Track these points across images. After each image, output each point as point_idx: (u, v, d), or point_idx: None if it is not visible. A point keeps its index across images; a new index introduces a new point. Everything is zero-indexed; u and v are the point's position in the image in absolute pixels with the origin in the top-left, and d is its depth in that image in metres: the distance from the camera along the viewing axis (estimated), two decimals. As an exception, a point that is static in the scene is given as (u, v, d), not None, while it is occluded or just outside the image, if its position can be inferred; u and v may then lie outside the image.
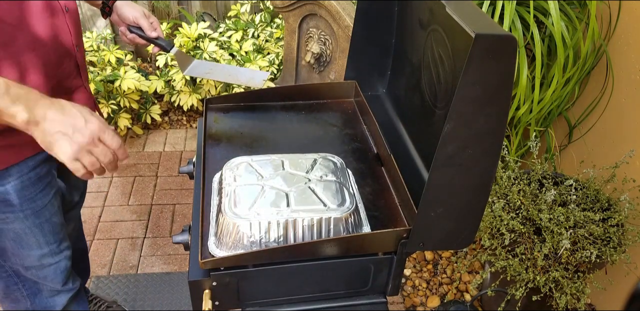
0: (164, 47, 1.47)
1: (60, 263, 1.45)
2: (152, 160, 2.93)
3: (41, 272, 1.42)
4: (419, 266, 2.31)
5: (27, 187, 1.28)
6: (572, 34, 1.88)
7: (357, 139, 1.35)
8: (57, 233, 1.41)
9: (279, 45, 3.16)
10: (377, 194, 1.17)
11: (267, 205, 1.00)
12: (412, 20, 1.24)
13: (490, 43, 0.78)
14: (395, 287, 1.11)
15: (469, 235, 1.03)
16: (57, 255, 1.43)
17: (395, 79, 1.43)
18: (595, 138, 2.05)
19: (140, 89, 2.93)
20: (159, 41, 1.46)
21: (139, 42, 1.49)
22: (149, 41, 1.47)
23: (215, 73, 1.52)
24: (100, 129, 1.01)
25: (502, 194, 1.79)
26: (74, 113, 0.99)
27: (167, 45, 1.46)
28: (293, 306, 1.09)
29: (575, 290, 1.64)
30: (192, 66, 1.50)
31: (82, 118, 0.99)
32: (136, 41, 1.49)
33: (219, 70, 1.54)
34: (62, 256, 1.45)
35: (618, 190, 1.82)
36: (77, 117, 0.99)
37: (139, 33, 1.46)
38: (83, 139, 0.99)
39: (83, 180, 1.66)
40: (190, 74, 1.49)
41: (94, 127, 1.00)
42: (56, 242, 1.41)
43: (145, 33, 1.45)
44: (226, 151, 1.27)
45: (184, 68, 1.49)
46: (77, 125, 0.99)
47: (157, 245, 2.38)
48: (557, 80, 1.88)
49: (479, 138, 0.89)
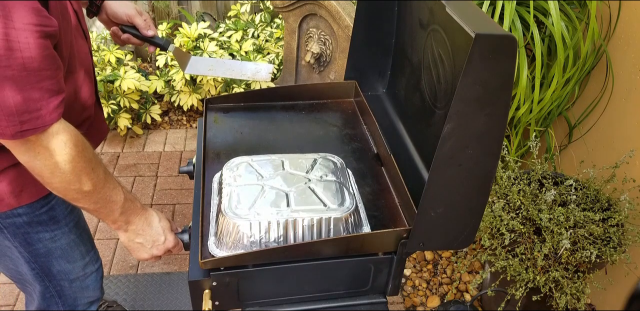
0: (161, 46, 1.39)
1: (99, 270, 1.47)
2: (152, 160, 2.93)
3: (84, 282, 1.42)
4: (419, 266, 2.31)
5: None
6: (572, 34, 1.88)
7: (357, 139, 1.35)
8: (91, 239, 1.43)
9: (279, 45, 3.16)
10: (377, 194, 1.17)
11: (267, 205, 1.00)
12: (412, 20, 1.24)
13: (490, 43, 0.78)
14: (395, 287, 1.11)
15: (469, 235, 1.03)
16: (96, 262, 1.45)
17: (395, 79, 1.43)
18: (595, 138, 2.05)
19: (140, 89, 2.93)
20: (156, 40, 1.38)
21: (133, 42, 1.39)
22: (144, 41, 1.39)
23: (217, 69, 1.48)
24: (173, 246, 1.18)
25: (502, 194, 1.79)
26: (157, 229, 1.14)
27: (164, 43, 1.39)
28: (293, 306, 1.09)
29: (575, 290, 1.64)
30: (192, 63, 1.44)
31: (163, 236, 1.15)
32: (130, 41, 1.40)
33: (221, 66, 1.49)
34: (99, 263, 1.46)
35: (618, 190, 1.82)
36: (159, 234, 1.15)
37: (133, 32, 1.37)
38: (158, 253, 1.16)
39: None
40: (191, 72, 1.44)
41: (169, 245, 1.17)
42: (93, 248, 1.43)
43: (140, 32, 1.37)
44: (226, 151, 1.27)
45: (184, 66, 1.43)
46: (157, 241, 1.15)
47: (157, 245, 2.38)
48: (557, 80, 1.88)
49: (479, 138, 0.89)
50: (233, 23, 3.23)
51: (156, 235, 1.14)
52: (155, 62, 3.17)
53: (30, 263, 1.29)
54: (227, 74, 1.50)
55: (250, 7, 3.39)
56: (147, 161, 2.92)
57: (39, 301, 1.40)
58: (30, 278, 1.34)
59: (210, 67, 1.48)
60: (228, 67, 1.49)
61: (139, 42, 1.40)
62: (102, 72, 2.91)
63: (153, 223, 1.14)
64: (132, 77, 2.87)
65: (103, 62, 2.96)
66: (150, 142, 3.08)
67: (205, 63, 1.48)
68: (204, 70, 1.47)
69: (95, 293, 1.48)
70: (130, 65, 3.06)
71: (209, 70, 1.48)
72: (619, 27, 1.88)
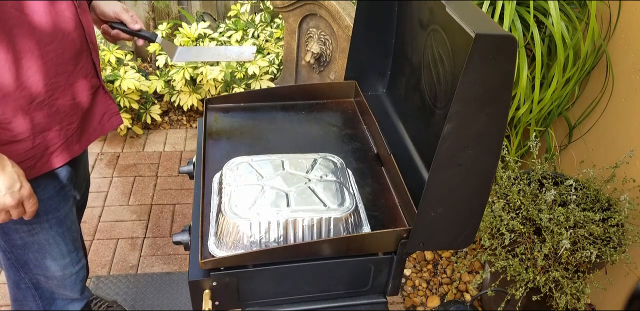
0: (148, 38, 1.45)
1: (80, 272, 1.45)
2: (152, 160, 2.93)
3: (63, 282, 1.41)
4: (419, 266, 2.31)
5: (53, 196, 1.27)
6: (572, 34, 1.88)
7: (357, 139, 1.35)
8: (76, 241, 1.41)
9: (279, 45, 3.16)
10: (377, 194, 1.17)
11: (267, 205, 1.00)
12: (412, 20, 1.24)
13: (490, 43, 0.78)
14: (395, 287, 1.11)
15: (469, 235, 1.03)
16: (78, 264, 1.43)
17: (395, 79, 1.43)
18: (595, 138, 2.05)
19: (140, 89, 2.93)
20: (143, 33, 1.45)
21: (123, 37, 1.46)
22: (132, 35, 1.46)
23: (203, 55, 1.55)
24: (28, 195, 1.08)
25: (502, 194, 1.79)
26: (12, 175, 1.05)
27: (151, 35, 1.46)
28: (293, 306, 1.09)
29: (575, 290, 1.64)
30: (179, 53, 1.50)
31: (19, 182, 1.06)
32: (120, 37, 1.46)
33: (206, 51, 1.55)
34: (81, 265, 1.44)
35: (618, 190, 1.82)
36: (14, 179, 1.05)
37: (121, 28, 1.44)
38: (12, 202, 1.06)
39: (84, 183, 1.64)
40: (179, 60, 1.50)
41: (25, 193, 1.08)
42: (76, 250, 1.41)
43: (128, 27, 1.43)
44: (226, 151, 1.27)
45: (172, 56, 1.49)
46: (12, 187, 1.05)
47: (157, 245, 2.37)
48: (557, 80, 1.88)
49: (479, 138, 0.89)
50: (233, 23, 3.23)
51: (11, 180, 1.05)
52: (155, 62, 3.17)
53: (6, 253, 1.30)
54: (214, 58, 1.57)
55: (250, 7, 3.39)
56: (147, 161, 2.92)
57: (14, 291, 1.40)
58: (4, 267, 1.35)
59: (196, 54, 1.54)
60: (213, 52, 1.55)
61: (128, 37, 1.47)
62: (102, 72, 2.91)
63: (7, 167, 1.05)
64: (132, 77, 2.87)
65: (103, 62, 2.96)
66: (150, 142, 3.08)
67: (191, 51, 1.54)
68: (192, 56, 1.54)
69: (74, 293, 1.46)
70: (130, 65, 3.06)
71: (196, 56, 1.55)
72: (619, 27, 1.88)
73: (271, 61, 3.06)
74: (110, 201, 2.62)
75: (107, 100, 1.37)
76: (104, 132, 1.38)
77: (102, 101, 1.35)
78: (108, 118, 1.38)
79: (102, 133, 1.37)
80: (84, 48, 1.24)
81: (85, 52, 1.25)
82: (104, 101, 1.36)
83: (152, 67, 3.63)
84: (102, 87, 1.35)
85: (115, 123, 1.41)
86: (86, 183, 1.67)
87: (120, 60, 3.04)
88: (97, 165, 2.87)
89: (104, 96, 1.36)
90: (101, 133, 1.37)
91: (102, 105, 1.36)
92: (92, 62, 1.29)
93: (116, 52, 2.99)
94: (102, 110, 1.36)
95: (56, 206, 1.29)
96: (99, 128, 1.36)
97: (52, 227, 1.30)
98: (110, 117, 1.39)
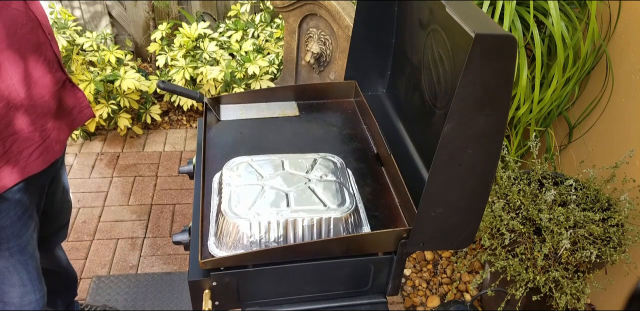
0: None
1: (40, 301, 1.38)
2: (152, 160, 2.93)
3: (20, 308, 1.35)
4: (419, 266, 2.31)
5: (14, 222, 1.22)
6: (572, 34, 1.88)
7: (357, 139, 1.35)
8: (38, 268, 1.35)
9: (279, 45, 3.16)
10: (377, 194, 1.17)
11: (267, 205, 1.00)
12: (412, 20, 1.24)
13: (490, 43, 0.78)
14: (395, 287, 1.11)
15: (469, 235, 1.03)
16: (39, 292, 1.37)
17: (395, 79, 1.43)
18: (595, 138, 2.05)
19: (140, 89, 2.93)
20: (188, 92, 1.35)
21: None
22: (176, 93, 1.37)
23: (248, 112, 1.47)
24: None
25: (502, 194, 1.79)
26: None
27: None
28: (293, 306, 1.09)
29: (575, 290, 1.64)
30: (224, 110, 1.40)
31: None
32: None
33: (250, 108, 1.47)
34: (42, 293, 1.38)
35: (618, 190, 1.82)
36: None
37: None
38: None
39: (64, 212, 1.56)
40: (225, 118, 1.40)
41: None
42: (38, 278, 1.35)
43: None
44: (226, 151, 1.27)
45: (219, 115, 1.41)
46: None
47: (157, 245, 2.38)
48: (557, 80, 1.88)
49: (479, 138, 0.89)
50: (233, 23, 3.23)
51: None
52: (155, 62, 3.17)
53: None
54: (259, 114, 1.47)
55: (250, 7, 3.39)
56: (147, 161, 2.92)
57: None
58: None
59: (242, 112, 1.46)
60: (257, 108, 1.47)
61: None
62: (102, 72, 2.91)
63: None
64: (132, 77, 2.87)
65: (103, 62, 2.96)
66: (150, 142, 3.08)
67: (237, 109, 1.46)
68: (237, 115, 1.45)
69: None
70: (130, 65, 3.06)
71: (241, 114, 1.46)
72: (619, 27, 1.88)
73: (271, 61, 3.06)
74: (110, 201, 2.62)
75: (76, 93, 1.31)
76: (74, 127, 1.32)
77: (70, 95, 1.29)
78: (78, 112, 1.32)
79: (73, 127, 1.31)
80: (42, 40, 1.17)
81: (45, 43, 1.17)
82: (73, 95, 1.30)
83: (152, 67, 3.63)
84: (69, 79, 1.28)
85: (86, 116, 1.34)
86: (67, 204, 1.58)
87: (120, 60, 3.04)
88: (97, 165, 2.87)
89: (72, 89, 1.30)
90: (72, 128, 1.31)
91: (71, 99, 1.29)
92: (54, 54, 1.21)
93: (116, 52, 2.99)
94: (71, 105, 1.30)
95: (17, 233, 1.24)
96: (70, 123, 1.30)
97: (12, 255, 1.25)
98: (80, 111, 1.33)
